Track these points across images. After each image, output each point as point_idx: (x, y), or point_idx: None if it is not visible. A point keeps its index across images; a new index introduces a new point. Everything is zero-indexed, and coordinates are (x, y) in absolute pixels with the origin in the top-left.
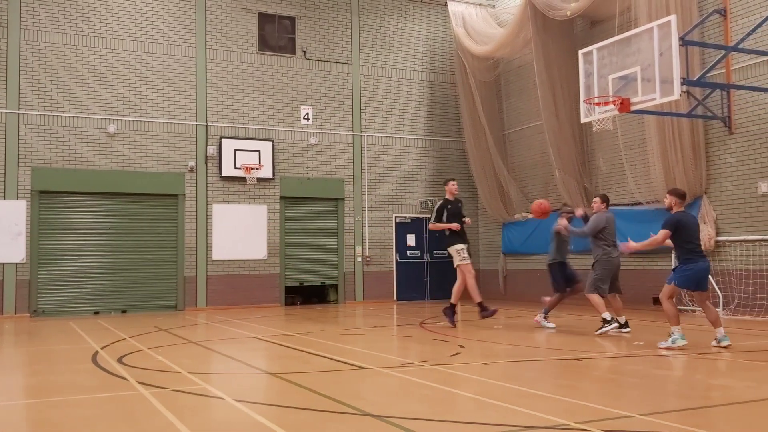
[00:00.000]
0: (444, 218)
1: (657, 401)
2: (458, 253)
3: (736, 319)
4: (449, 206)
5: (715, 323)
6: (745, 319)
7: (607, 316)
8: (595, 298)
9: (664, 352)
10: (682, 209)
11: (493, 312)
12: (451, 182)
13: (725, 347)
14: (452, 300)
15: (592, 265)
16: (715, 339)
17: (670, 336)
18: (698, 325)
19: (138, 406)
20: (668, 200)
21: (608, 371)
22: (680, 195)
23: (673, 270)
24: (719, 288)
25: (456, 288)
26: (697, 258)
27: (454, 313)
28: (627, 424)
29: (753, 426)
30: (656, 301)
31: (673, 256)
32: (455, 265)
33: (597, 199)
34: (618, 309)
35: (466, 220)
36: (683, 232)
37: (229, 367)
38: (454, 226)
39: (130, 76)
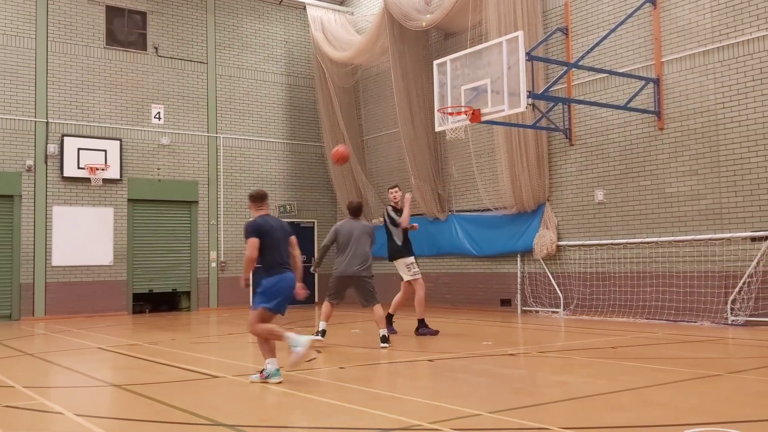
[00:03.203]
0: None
1: (503, 399)
2: (409, 267)
3: (575, 319)
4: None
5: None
6: (583, 318)
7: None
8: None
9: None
10: (265, 213)
11: (435, 332)
12: (392, 189)
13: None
14: (391, 310)
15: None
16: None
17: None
18: (542, 325)
19: None
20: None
21: (459, 371)
22: (254, 197)
23: (257, 292)
24: (560, 290)
25: (398, 300)
26: (282, 270)
27: (391, 323)
28: (476, 422)
29: (590, 418)
30: (503, 302)
31: (519, 259)
32: (405, 280)
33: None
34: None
35: (415, 225)
36: (266, 239)
37: (70, 380)
38: (416, 226)
39: None
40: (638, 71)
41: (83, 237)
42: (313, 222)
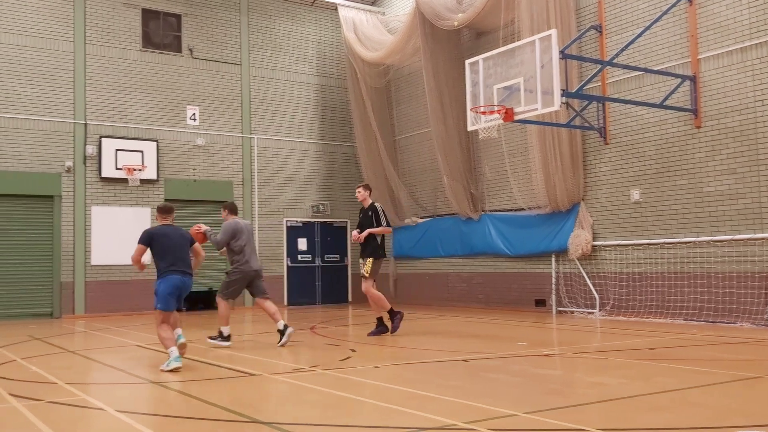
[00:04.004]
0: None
1: (539, 399)
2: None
3: (611, 320)
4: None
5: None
6: (619, 319)
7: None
8: (222, 305)
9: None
10: (167, 223)
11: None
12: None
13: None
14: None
15: (227, 272)
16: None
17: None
18: (577, 326)
19: (10, 420)
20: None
21: (494, 371)
22: (161, 210)
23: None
24: (595, 290)
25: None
26: (168, 273)
27: (398, 317)
28: (512, 422)
29: (626, 420)
30: (538, 302)
31: (553, 259)
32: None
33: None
34: (273, 313)
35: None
36: (156, 246)
37: (111, 377)
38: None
39: (1, 70)
40: (674, 69)
41: (121, 236)
42: (346, 222)
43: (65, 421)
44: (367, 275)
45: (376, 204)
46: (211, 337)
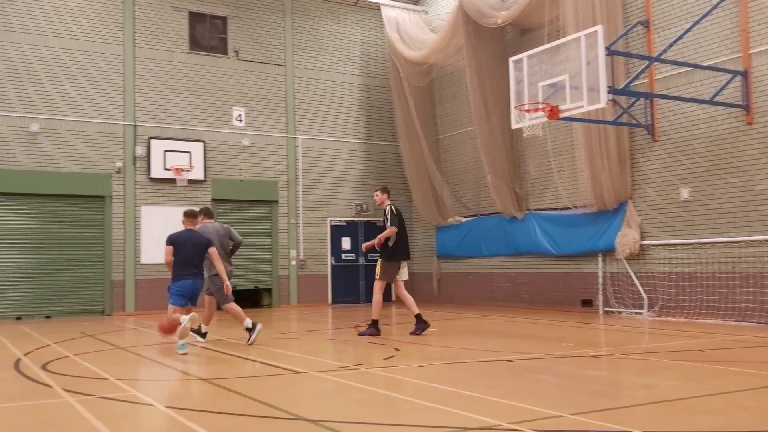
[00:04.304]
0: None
1: (585, 401)
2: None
3: (659, 321)
4: None
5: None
6: (668, 320)
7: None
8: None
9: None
10: (189, 228)
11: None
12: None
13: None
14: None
15: (212, 277)
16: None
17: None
18: (625, 326)
19: (63, 414)
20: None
21: (539, 372)
22: (188, 215)
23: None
24: (643, 290)
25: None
26: (184, 277)
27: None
28: (557, 423)
29: (675, 423)
30: (584, 302)
31: (600, 258)
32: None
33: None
34: (238, 314)
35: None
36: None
37: (159, 373)
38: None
39: (54, 73)
40: (724, 64)
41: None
42: None
43: (116, 416)
44: (377, 277)
45: (385, 206)
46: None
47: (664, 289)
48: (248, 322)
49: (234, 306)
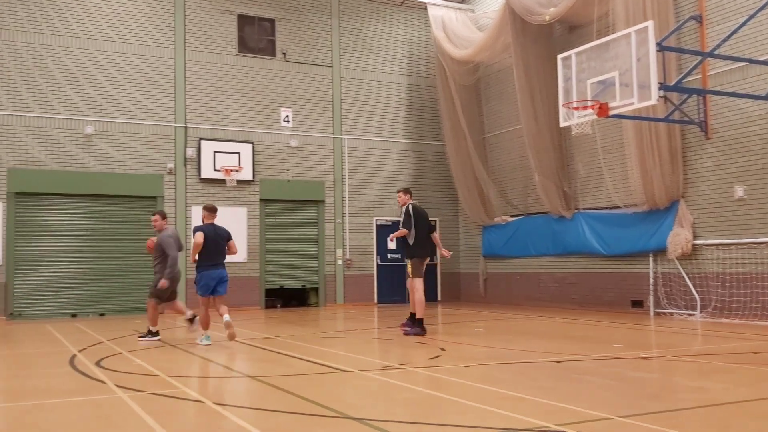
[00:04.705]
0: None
1: (635, 403)
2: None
3: (713, 322)
4: None
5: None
6: (721, 321)
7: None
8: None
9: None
10: (211, 222)
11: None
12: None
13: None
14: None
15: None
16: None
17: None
18: (677, 328)
19: (116, 410)
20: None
21: (587, 373)
22: (209, 209)
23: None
24: (696, 291)
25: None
26: (207, 268)
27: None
28: (605, 426)
29: (729, 427)
30: (635, 303)
31: (651, 259)
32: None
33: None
34: (180, 309)
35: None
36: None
37: (209, 371)
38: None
39: (108, 77)
40: None
41: None
42: (435, 220)
43: (166, 412)
44: (410, 275)
45: (404, 206)
46: (140, 336)
47: (718, 290)
48: (153, 329)
49: (152, 303)
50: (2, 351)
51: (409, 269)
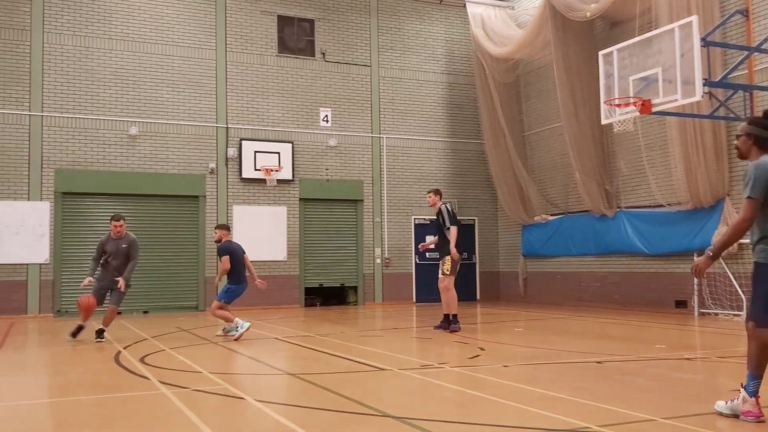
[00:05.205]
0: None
1: (679, 405)
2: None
3: None
4: None
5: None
6: None
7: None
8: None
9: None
10: (228, 238)
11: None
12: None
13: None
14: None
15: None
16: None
17: (237, 328)
18: (722, 329)
19: (160, 406)
20: (217, 234)
21: (630, 374)
22: (224, 228)
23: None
24: (742, 291)
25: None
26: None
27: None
28: (648, 428)
29: None
30: (678, 303)
31: (695, 258)
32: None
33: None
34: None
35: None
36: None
37: (250, 368)
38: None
39: (152, 78)
40: None
41: (260, 234)
42: (474, 219)
43: (209, 408)
44: (448, 272)
45: (442, 206)
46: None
47: None
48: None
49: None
50: (50, 347)
51: (448, 266)
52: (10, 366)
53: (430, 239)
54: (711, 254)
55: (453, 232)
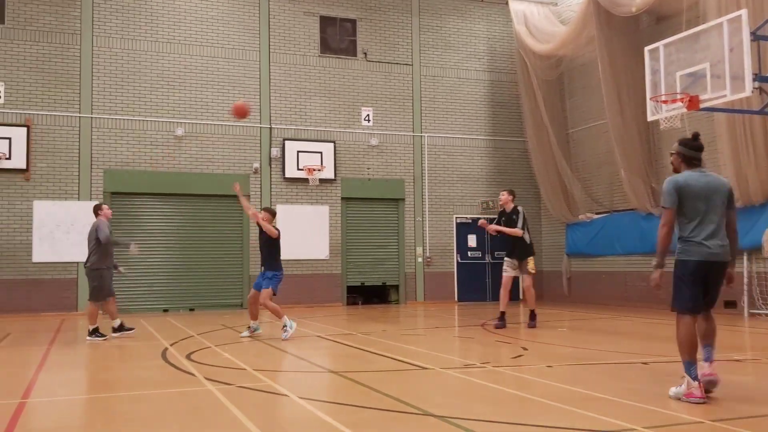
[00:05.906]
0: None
1: (728, 407)
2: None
3: None
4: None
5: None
6: None
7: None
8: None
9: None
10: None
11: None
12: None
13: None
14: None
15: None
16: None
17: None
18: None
19: (205, 402)
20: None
21: (676, 375)
22: (273, 212)
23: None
24: None
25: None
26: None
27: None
28: (696, 429)
29: None
30: (728, 304)
31: (745, 257)
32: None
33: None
34: (113, 313)
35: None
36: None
37: (294, 365)
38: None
39: (197, 80)
40: None
41: (303, 233)
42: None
43: (253, 405)
44: (533, 271)
45: (519, 207)
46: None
47: None
48: (92, 328)
49: (93, 307)
50: (99, 344)
51: (532, 266)
52: (61, 362)
53: (493, 225)
54: (655, 264)
55: (517, 233)
